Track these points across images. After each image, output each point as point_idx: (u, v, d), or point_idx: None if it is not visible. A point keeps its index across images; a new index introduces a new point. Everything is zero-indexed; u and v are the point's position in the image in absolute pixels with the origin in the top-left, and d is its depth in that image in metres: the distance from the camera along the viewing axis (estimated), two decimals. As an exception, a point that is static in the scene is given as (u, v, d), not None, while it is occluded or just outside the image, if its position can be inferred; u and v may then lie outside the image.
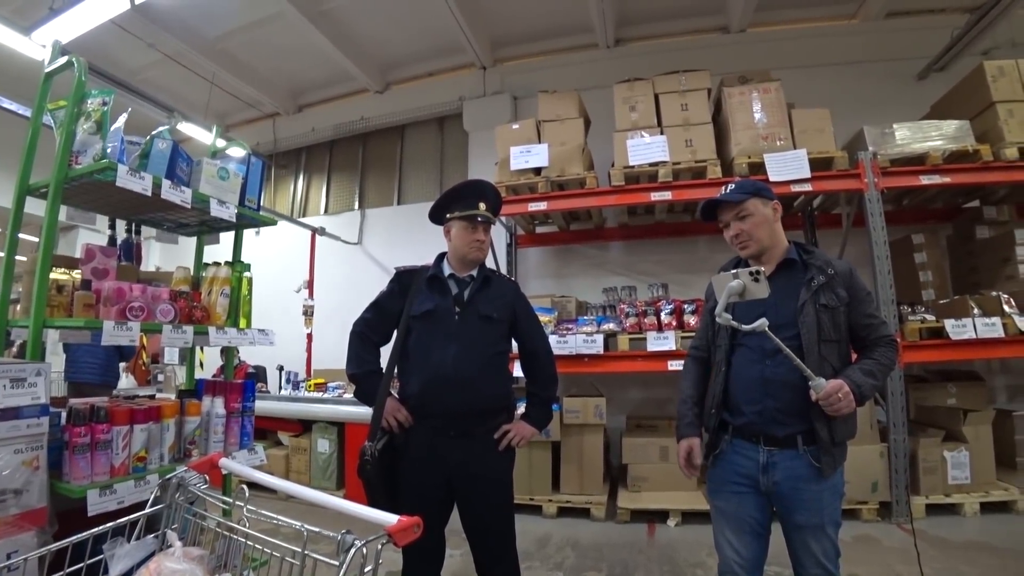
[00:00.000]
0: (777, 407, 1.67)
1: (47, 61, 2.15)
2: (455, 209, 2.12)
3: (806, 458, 1.65)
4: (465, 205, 2.10)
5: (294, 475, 4.77)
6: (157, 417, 1.98)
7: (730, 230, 1.82)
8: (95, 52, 4.88)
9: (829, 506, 1.67)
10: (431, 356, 2.00)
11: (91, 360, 4.27)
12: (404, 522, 0.93)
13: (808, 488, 1.64)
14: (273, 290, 5.36)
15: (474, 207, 2.10)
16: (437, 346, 2.01)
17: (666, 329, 3.94)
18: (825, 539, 1.66)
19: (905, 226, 4.63)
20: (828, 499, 1.66)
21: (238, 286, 2.36)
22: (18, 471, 1.58)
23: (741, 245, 1.81)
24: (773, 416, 1.68)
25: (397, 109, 6.79)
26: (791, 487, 1.66)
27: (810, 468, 1.64)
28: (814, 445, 1.65)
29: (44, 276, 1.84)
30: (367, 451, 1.91)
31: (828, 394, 1.55)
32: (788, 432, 1.67)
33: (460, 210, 2.10)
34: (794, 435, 1.66)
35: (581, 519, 3.95)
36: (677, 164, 4.14)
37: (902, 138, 4.00)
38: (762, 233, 1.78)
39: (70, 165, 1.91)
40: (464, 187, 2.18)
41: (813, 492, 1.64)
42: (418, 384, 2.00)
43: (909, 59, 5.16)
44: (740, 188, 1.82)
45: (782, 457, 1.67)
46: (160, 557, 1.13)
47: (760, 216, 1.78)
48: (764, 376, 1.70)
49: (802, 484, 1.65)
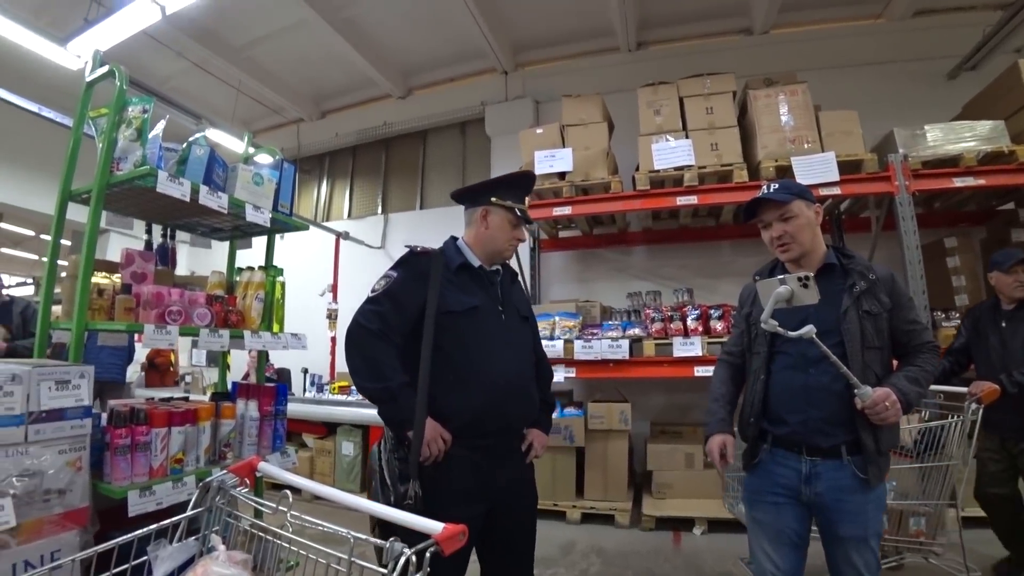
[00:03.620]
0: (821, 416, 1.63)
1: (88, 71, 2.21)
2: (506, 197, 1.86)
3: (850, 468, 1.61)
4: (516, 197, 1.88)
5: (318, 477, 4.81)
6: (194, 420, 2.01)
7: (772, 231, 1.77)
8: (126, 61, 4.97)
9: (873, 518, 1.63)
10: (488, 363, 1.73)
11: (115, 361, 4.46)
12: (451, 529, 0.92)
13: (853, 499, 1.60)
14: (298, 294, 5.39)
15: (522, 202, 1.89)
16: (491, 351, 1.75)
17: (692, 334, 3.90)
18: (868, 551, 1.61)
19: (937, 229, 4.53)
20: (872, 511, 1.62)
21: (272, 290, 2.39)
22: (62, 471, 1.62)
23: (783, 248, 1.76)
24: (817, 426, 1.64)
25: (419, 114, 6.83)
26: (835, 498, 1.61)
27: (854, 478, 1.60)
28: (858, 455, 1.61)
29: (86, 280, 1.89)
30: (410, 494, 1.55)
31: (875, 402, 1.51)
32: (833, 442, 1.62)
33: (512, 200, 1.86)
34: (838, 445, 1.62)
35: (605, 526, 3.92)
36: (703, 168, 4.10)
37: (934, 139, 3.92)
38: (805, 236, 1.74)
39: (112, 171, 1.95)
40: (522, 176, 1.96)
41: (858, 503, 1.60)
42: (476, 399, 1.69)
43: (939, 58, 5.05)
44: (786, 188, 1.77)
45: (825, 467, 1.63)
46: (206, 561, 1.14)
47: (804, 219, 1.74)
48: (807, 384, 1.66)
49: (846, 495, 1.60)
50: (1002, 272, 2.86)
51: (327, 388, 5.45)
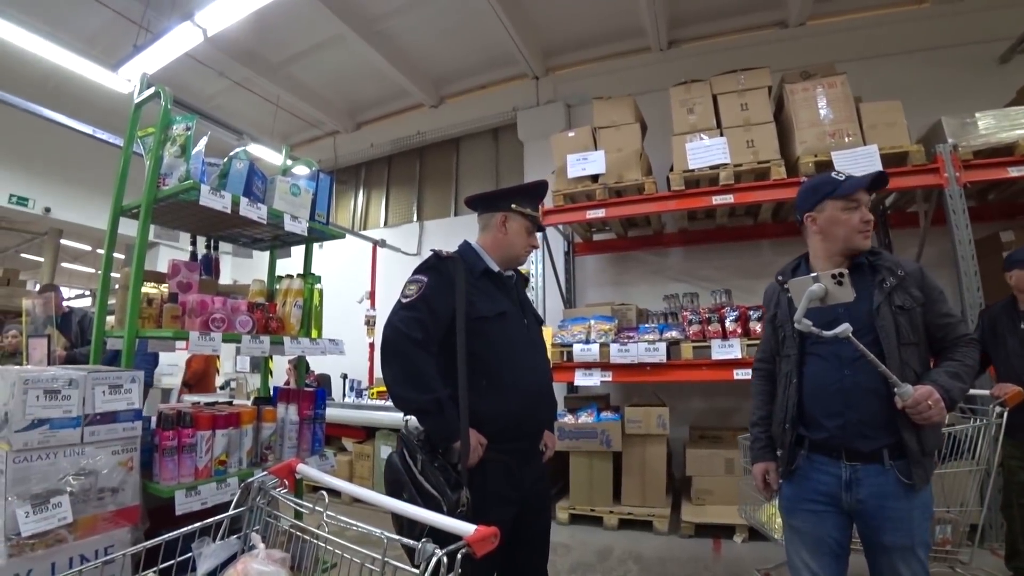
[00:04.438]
0: (861, 419, 1.56)
1: (135, 93, 2.33)
2: (524, 205, 1.92)
3: (893, 473, 1.53)
4: (532, 205, 1.95)
5: (357, 480, 4.90)
6: (236, 423, 2.08)
7: (863, 213, 1.67)
8: (172, 82, 5.19)
9: (919, 526, 1.54)
10: (520, 368, 1.77)
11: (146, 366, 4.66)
12: (483, 531, 0.93)
13: (897, 506, 1.52)
14: (337, 301, 5.53)
15: (536, 210, 1.98)
16: (521, 355, 1.79)
17: (731, 337, 3.82)
18: (915, 562, 1.52)
19: (992, 223, 4.28)
20: (918, 518, 1.54)
21: (310, 297, 2.45)
22: (115, 471, 1.69)
23: (867, 234, 1.68)
24: (857, 429, 1.57)
25: (452, 122, 6.93)
26: (877, 505, 1.54)
27: (898, 484, 1.53)
28: (902, 459, 1.53)
29: (137, 290, 1.98)
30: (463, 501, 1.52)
31: (917, 401, 1.44)
32: (874, 446, 1.55)
33: (530, 208, 1.93)
34: (880, 449, 1.55)
35: (643, 532, 3.86)
36: (739, 166, 4.02)
37: (986, 127, 3.73)
38: None
39: (158, 187, 2.04)
40: (539, 186, 2.03)
41: (902, 510, 1.52)
42: (512, 404, 1.72)
43: (989, 42, 4.78)
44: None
45: (867, 472, 1.56)
46: (246, 559, 1.19)
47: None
48: (843, 386, 1.59)
49: (890, 501, 1.53)
50: (1022, 270, 2.72)
51: (366, 393, 5.56)
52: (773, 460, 1.80)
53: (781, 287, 1.81)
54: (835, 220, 1.68)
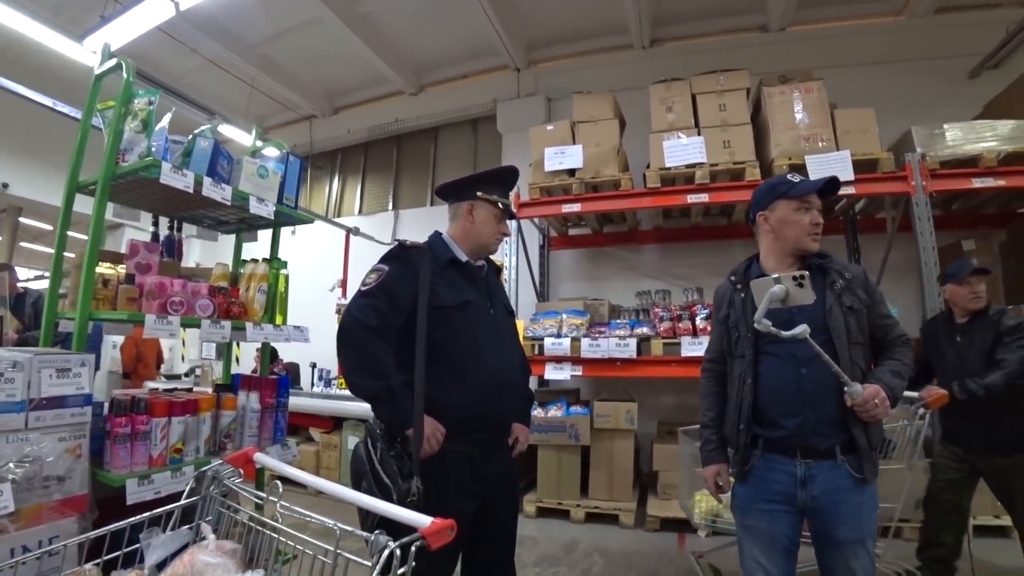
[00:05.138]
0: (818, 417, 1.60)
1: (97, 64, 2.22)
2: (491, 191, 1.88)
3: (845, 468, 1.58)
4: (500, 191, 1.90)
5: (324, 471, 4.84)
6: (194, 410, 2.01)
7: (813, 216, 1.70)
8: (141, 58, 5.05)
9: (869, 518, 1.60)
10: (483, 358, 1.73)
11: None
12: (439, 523, 0.91)
13: (849, 500, 1.57)
14: (309, 288, 5.45)
15: (506, 196, 1.93)
16: (484, 345, 1.75)
17: (701, 334, 3.84)
18: (864, 555, 1.58)
19: (955, 231, 4.41)
20: (868, 511, 1.59)
21: (275, 283, 2.39)
22: (61, 458, 1.62)
23: (816, 236, 1.71)
24: (814, 427, 1.60)
25: (431, 111, 6.85)
26: (831, 500, 1.58)
27: (849, 478, 1.58)
28: (852, 454, 1.59)
29: (91, 270, 1.89)
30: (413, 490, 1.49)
31: (865, 400, 1.50)
32: (828, 443, 1.60)
33: (497, 194, 1.89)
34: (833, 446, 1.60)
35: (610, 525, 3.89)
36: (715, 166, 4.05)
37: (953, 139, 3.83)
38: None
39: (117, 163, 1.96)
40: (506, 172, 1.98)
41: (854, 504, 1.57)
42: (472, 394, 1.69)
43: (960, 56, 4.93)
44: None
45: (820, 469, 1.60)
46: (194, 550, 1.15)
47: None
48: (802, 385, 1.62)
49: (842, 496, 1.57)
50: (956, 284, 2.78)
51: (335, 383, 5.48)
52: (724, 462, 1.82)
53: (734, 287, 1.83)
54: (786, 220, 1.72)
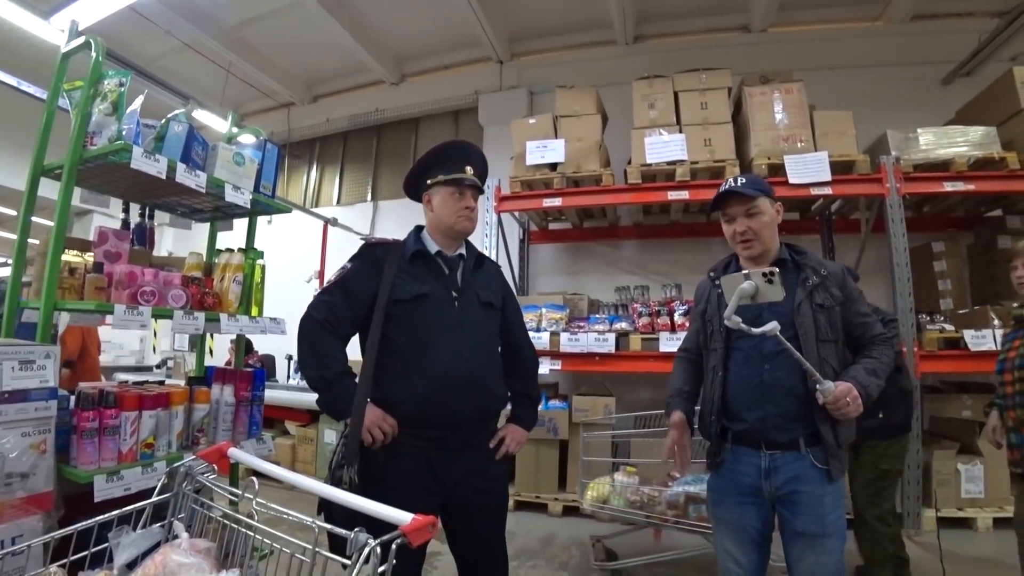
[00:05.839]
0: (778, 412, 1.63)
1: (64, 42, 2.13)
2: (437, 174, 1.84)
3: (808, 459, 1.60)
4: (448, 169, 1.83)
5: (300, 465, 4.78)
6: (166, 404, 1.95)
7: (736, 225, 1.74)
8: (113, 38, 4.88)
9: (831, 513, 1.59)
10: (434, 352, 1.69)
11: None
12: (419, 521, 0.89)
13: (810, 491, 1.59)
14: (284, 280, 5.34)
15: (460, 171, 1.84)
16: (439, 340, 1.70)
17: (679, 330, 3.89)
18: (822, 551, 1.57)
19: (925, 233, 4.54)
20: (830, 505, 1.59)
21: (251, 273, 2.33)
22: (25, 454, 1.56)
23: (746, 244, 1.73)
24: (774, 422, 1.63)
25: (412, 101, 6.76)
26: (792, 490, 1.61)
27: (813, 469, 1.60)
28: (817, 446, 1.61)
29: (56, 257, 1.82)
30: (344, 479, 1.53)
31: (837, 398, 1.51)
32: (790, 436, 1.62)
33: (444, 174, 1.83)
34: (796, 439, 1.62)
35: (587, 519, 3.89)
36: (695, 163, 4.09)
37: (926, 143, 3.93)
38: (767, 234, 1.73)
39: (85, 146, 1.88)
40: (446, 148, 1.90)
41: (815, 495, 1.58)
42: (419, 388, 1.65)
43: (935, 63, 5.06)
44: (753, 183, 1.75)
45: (784, 460, 1.62)
46: (167, 549, 1.11)
47: (768, 216, 1.73)
48: (763, 380, 1.65)
49: (803, 486, 1.59)
50: None
51: (311, 376, 5.40)
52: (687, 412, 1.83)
53: (713, 283, 1.85)
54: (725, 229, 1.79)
